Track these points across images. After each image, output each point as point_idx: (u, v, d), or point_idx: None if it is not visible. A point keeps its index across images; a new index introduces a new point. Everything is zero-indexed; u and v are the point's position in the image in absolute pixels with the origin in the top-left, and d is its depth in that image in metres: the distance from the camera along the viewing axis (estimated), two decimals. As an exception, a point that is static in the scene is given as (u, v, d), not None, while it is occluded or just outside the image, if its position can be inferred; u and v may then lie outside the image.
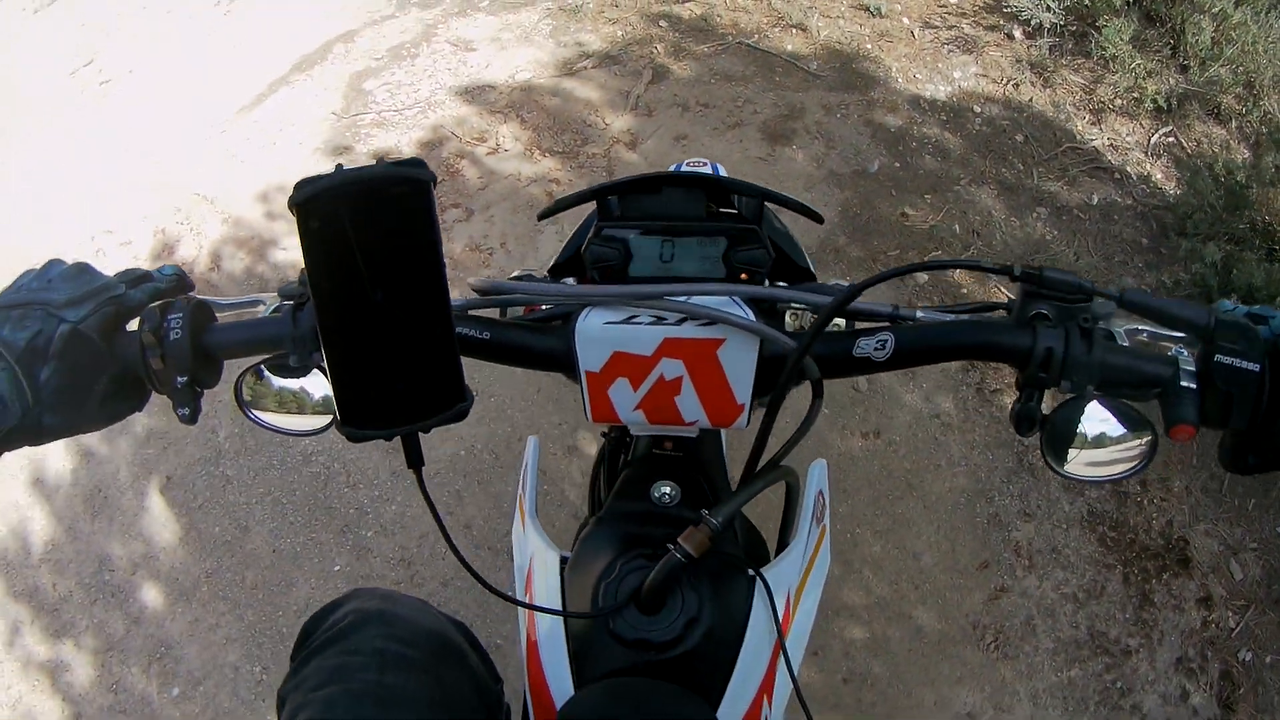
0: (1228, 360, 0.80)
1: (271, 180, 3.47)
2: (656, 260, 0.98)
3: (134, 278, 0.86)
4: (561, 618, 1.03)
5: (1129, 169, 3.38)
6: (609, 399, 0.98)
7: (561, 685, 1.01)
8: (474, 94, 3.70)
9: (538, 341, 0.95)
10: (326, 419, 0.90)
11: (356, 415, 0.77)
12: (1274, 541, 2.69)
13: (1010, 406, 0.88)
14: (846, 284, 0.94)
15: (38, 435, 0.80)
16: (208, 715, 2.46)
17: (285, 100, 3.82)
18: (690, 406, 0.98)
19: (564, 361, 0.96)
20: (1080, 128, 3.51)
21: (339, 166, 0.69)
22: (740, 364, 0.94)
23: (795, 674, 1.04)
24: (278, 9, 4.47)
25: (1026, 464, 2.75)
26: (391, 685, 1.00)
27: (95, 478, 2.89)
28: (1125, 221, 3.21)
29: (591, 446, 2.76)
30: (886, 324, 0.94)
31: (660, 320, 0.91)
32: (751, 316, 0.91)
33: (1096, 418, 0.86)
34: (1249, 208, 2.95)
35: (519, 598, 1.10)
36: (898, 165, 3.42)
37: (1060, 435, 0.87)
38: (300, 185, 0.68)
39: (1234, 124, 3.43)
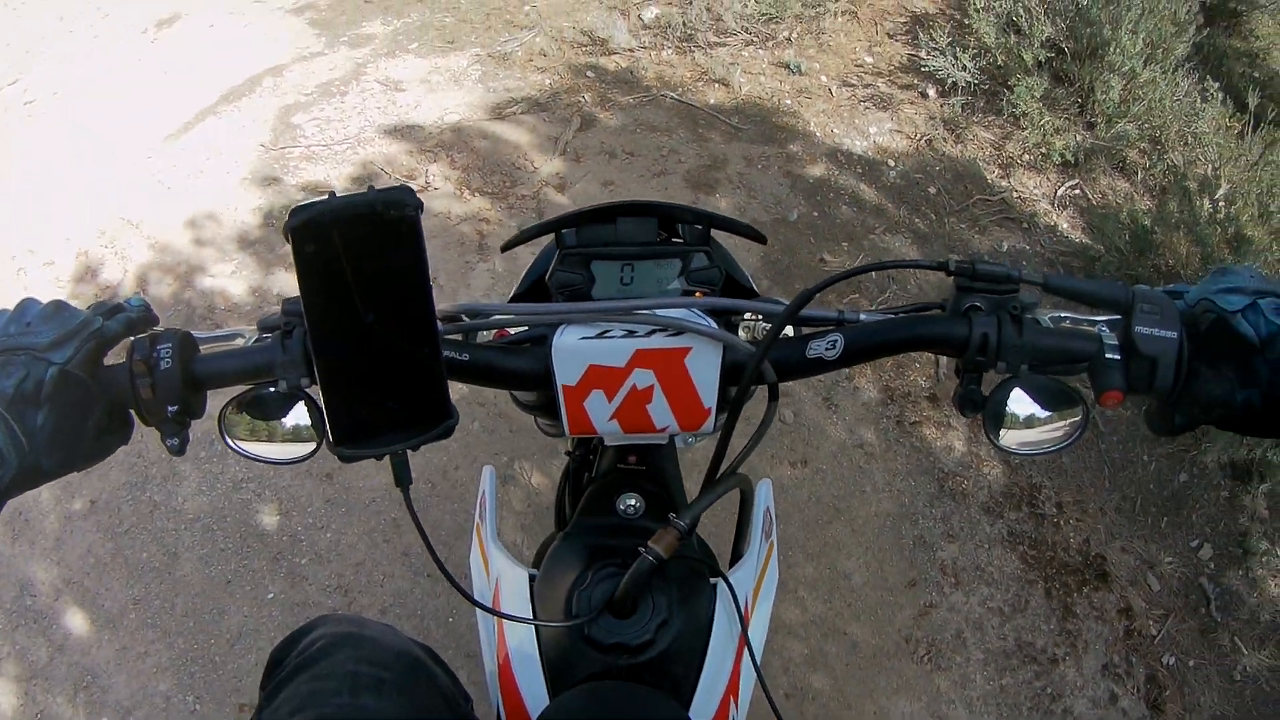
0: (1147, 330, 0.85)
1: (199, 208, 3.44)
2: (617, 283, 1.07)
3: (108, 310, 0.86)
4: (534, 630, 1.08)
5: (1037, 219, 3.55)
6: (585, 411, 1.02)
7: (537, 695, 1.05)
8: (403, 133, 3.74)
9: (515, 361, 0.99)
10: (309, 447, 0.92)
11: (348, 436, 0.82)
12: (1189, 555, 2.83)
13: (952, 393, 0.97)
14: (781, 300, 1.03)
15: (36, 479, 0.80)
16: None
17: (213, 130, 3.80)
18: (661, 413, 1.03)
19: (541, 379, 0.99)
20: (990, 180, 3.69)
21: (332, 194, 0.73)
22: (706, 370, 0.99)
23: (759, 668, 1.10)
24: (207, 40, 4.46)
25: (948, 489, 2.86)
26: (365, 707, 1.02)
27: (15, 501, 2.77)
28: (1033, 267, 3.37)
29: (529, 476, 2.79)
30: (834, 327, 1.00)
31: (631, 333, 0.96)
32: (714, 326, 0.97)
33: (1032, 395, 0.93)
34: (1154, 252, 3.12)
35: (486, 621, 1.15)
36: (816, 214, 3.54)
37: (1000, 414, 0.93)
38: (295, 211, 0.72)
39: (1139, 176, 3.65)
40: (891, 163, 3.76)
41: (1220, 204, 3.14)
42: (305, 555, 2.66)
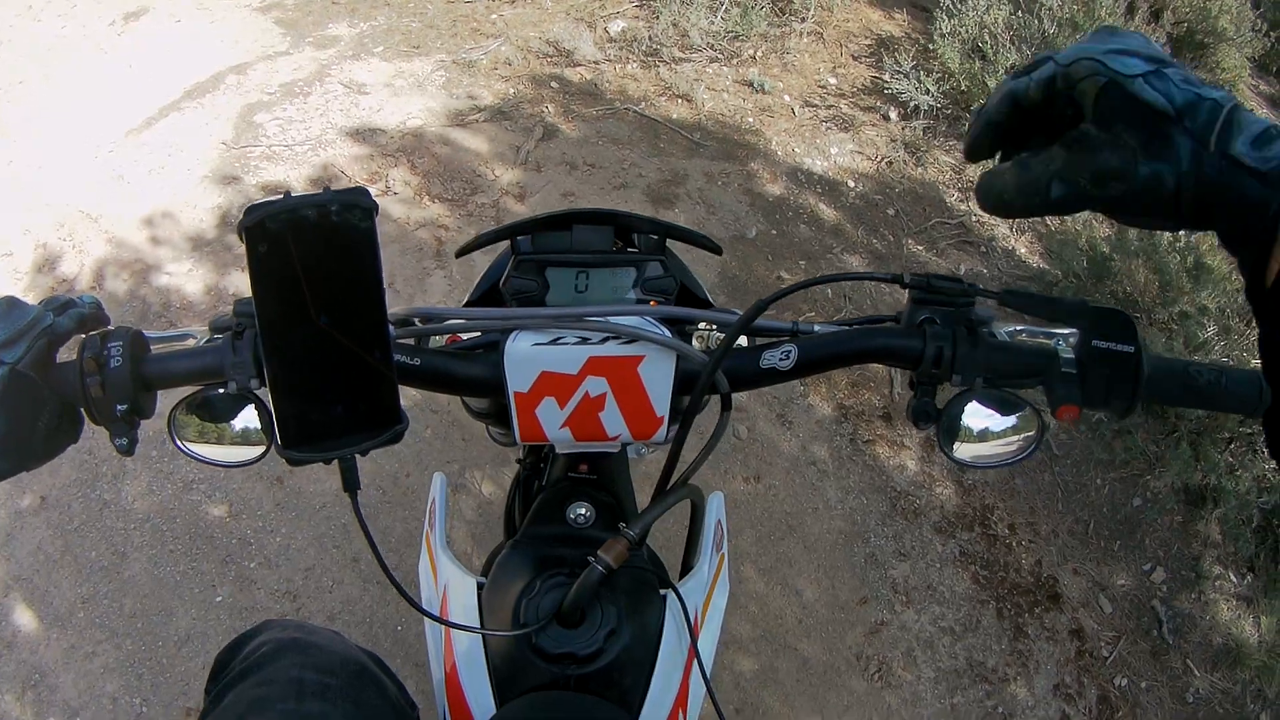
0: (1105, 344, 0.85)
1: (158, 204, 3.40)
2: (572, 290, 1.05)
3: (59, 305, 0.84)
4: (481, 639, 1.07)
5: (995, 243, 3.59)
6: (537, 418, 1.01)
7: (483, 703, 1.04)
8: (365, 136, 3.72)
9: (466, 367, 0.98)
10: (258, 450, 0.91)
11: (296, 439, 0.81)
12: (1141, 579, 2.85)
13: (907, 404, 0.95)
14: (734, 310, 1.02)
15: None
16: None
17: (175, 125, 3.75)
18: (614, 422, 1.03)
19: (492, 385, 0.98)
20: (950, 203, 3.73)
21: (287, 193, 0.72)
22: (659, 379, 0.99)
23: (709, 680, 1.10)
24: (172, 35, 4.41)
25: (900, 508, 2.87)
26: (311, 714, 1.00)
27: (-38, 499, 2.74)
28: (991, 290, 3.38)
29: (482, 485, 2.77)
30: (788, 338, 1.00)
31: (584, 341, 0.96)
32: (668, 335, 0.96)
33: (988, 408, 0.93)
34: (1112, 278, 3.15)
35: (434, 630, 1.14)
36: (774, 232, 3.56)
37: (955, 427, 0.93)
38: (250, 210, 0.71)
39: (1097, 203, 3.65)
40: (851, 183, 3.79)
41: (1180, 233, 3.17)
42: (255, 559, 2.63)
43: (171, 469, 2.76)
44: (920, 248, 3.56)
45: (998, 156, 0.80)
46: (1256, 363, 0.72)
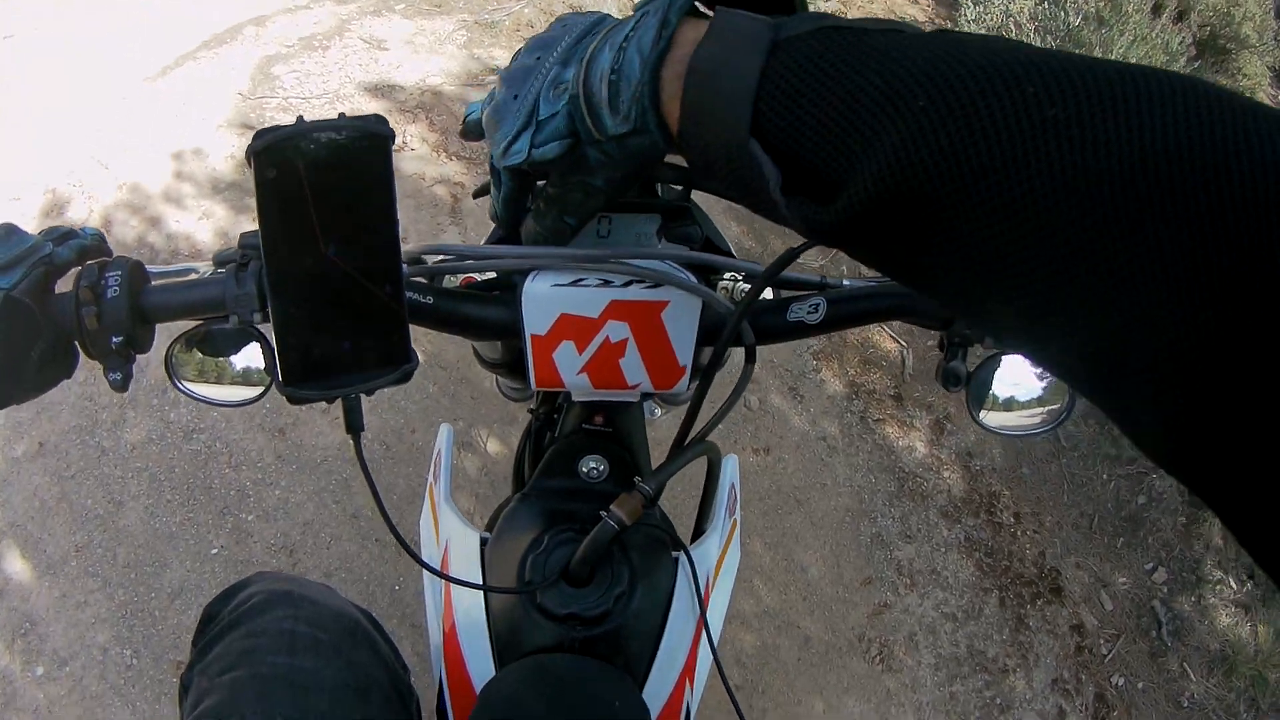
0: None
1: (170, 152, 3.36)
2: (594, 235, 1.00)
3: (59, 235, 0.81)
4: (482, 597, 1.03)
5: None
6: (553, 363, 0.98)
7: (482, 665, 1.01)
8: (383, 91, 3.67)
9: (481, 308, 0.95)
10: (258, 389, 0.88)
11: (299, 375, 0.77)
12: (1143, 578, 2.84)
13: (936, 365, 0.93)
14: (760, 262, 0.98)
15: None
16: (74, 698, 2.32)
17: (192, 75, 3.70)
18: (634, 370, 0.99)
19: (508, 327, 0.95)
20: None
21: (300, 118, 0.69)
22: (683, 326, 0.95)
23: (717, 652, 1.06)
24: (190, -15, 4.36)
25: (908, 489, 2.85)
26: (302, 669, 0.97)
27: (-39, 439, 2.71)
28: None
29: (488, 444, 2.75)
30: (816, 291, 0.97)
31: (607, 283, 0.92)
32: (694, 280, 0.93)
33: (1018, 375, 0.92)
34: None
35: (433, 585, 1.10)
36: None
37: (984, 392, 0.92)
38: (260, 134, 0.68)
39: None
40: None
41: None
42: (252, 511, 2.60)
43: (172, 418, 2.73)
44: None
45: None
46: None
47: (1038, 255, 0.44)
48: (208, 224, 3.13)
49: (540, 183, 0.83)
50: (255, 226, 0.72)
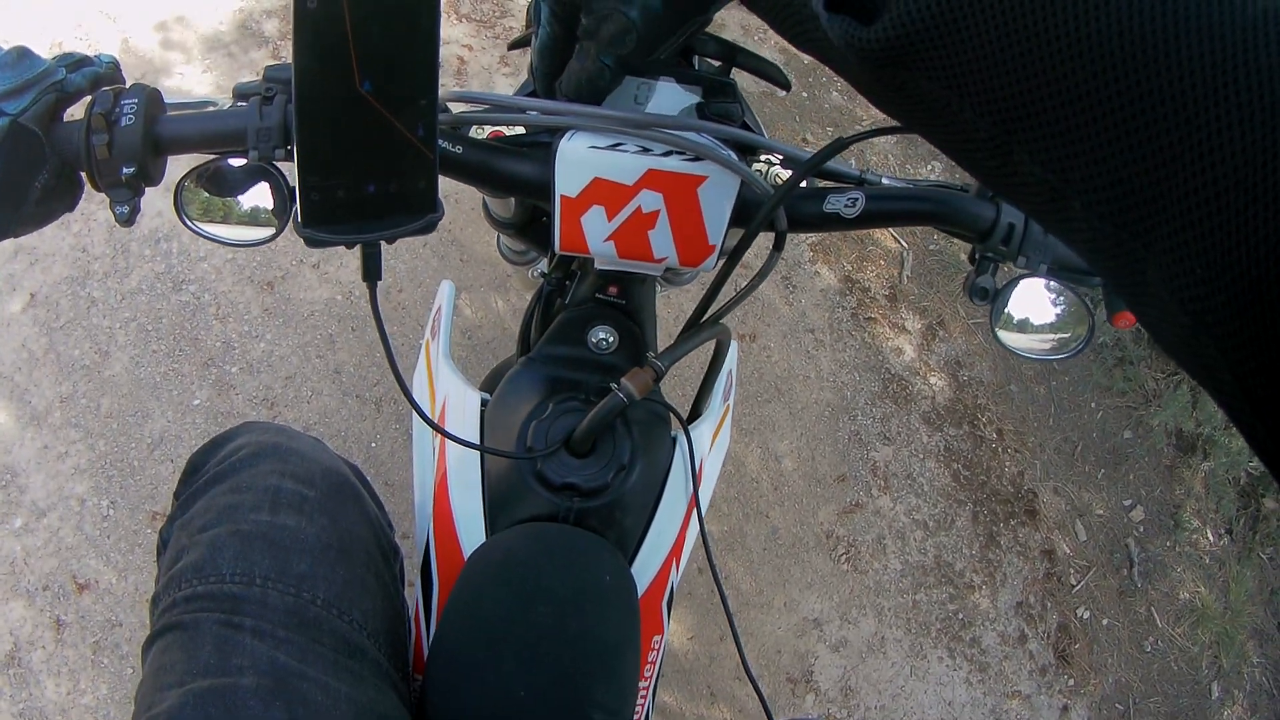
0: None
1: (177, 5, 3.31)
2: (631, 101, 0.97)
3: (73, 61, 0.78)
4: (478, 459, 1.03)
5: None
6: (581, 227, 0.95)
7: (473, 529, 1.01)
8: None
9: (512, 163, 0.92)
10: (269, 230, 0.84)
11: (319, 217, 0.74)
12: (1120, 513, 2.83)
13: (965, 277, 0.93)
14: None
15: None
16: (50, 549, 2.33)
17: (203, -71, 3.67)
18: (663, 242, 0.97)
19: (537, 186, 0.92)
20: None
21: None
22: (718, 204, 0.93)
23: (706, 533, 1.07)
24: None
25: (891, 391, 2.84)
26: (284, 527, 0.96)
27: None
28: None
29: (473, 310, 2.73)
30: (854, 185, 0.96)
31: (645, 151, 0.90)
32: (735, 158, 0.90)
33: (1043, 298, 0.92)
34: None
35: (423, 443, 1.12)
36: (805, 95, 3.47)
37: (1008, 315, 0.93)
38: None
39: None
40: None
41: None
42: (236, 364, 2.60)
43: (164, 268, 2.72)
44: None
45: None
46: None
47: (1064, 95, 0.44)
48: (211, 77, 3.11)
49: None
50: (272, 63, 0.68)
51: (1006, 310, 0.92)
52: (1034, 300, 0.93)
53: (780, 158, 1.01)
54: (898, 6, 0.49)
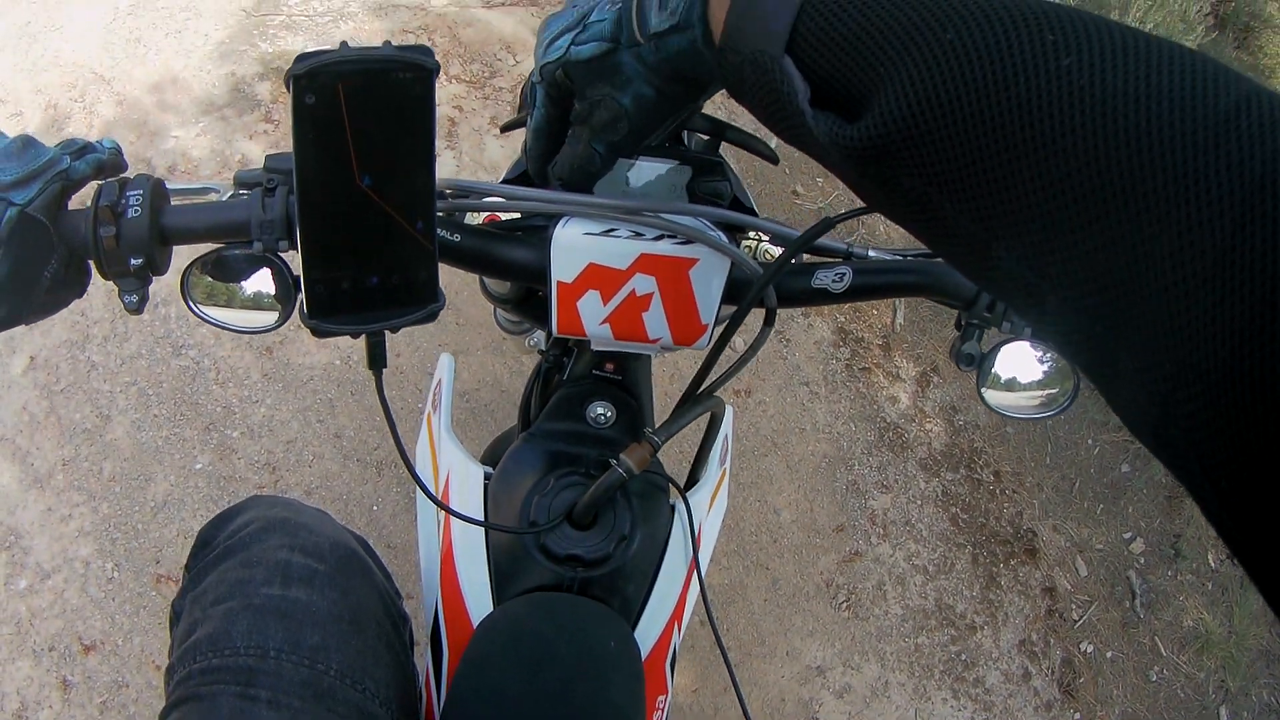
0: None
1: (172, 68, 3.34)
2: (623, 181, 1.01)
3: (77, 149, 0.78)
4: (483, 531, 1.06)
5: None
6: (577, 311, 0.98)
7: (480, 599, 1.03)
8: (388, 11, 3.63)
9: (509, 249, 0.95)
10: (273, 316, 0.87)
11: (324, 308, 0.75)
12: (1119, 547, 2.83)
13: (951, 344, 0.96)
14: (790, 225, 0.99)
15: None
16: (55, 610, 2.34)
17: (197, -12, 3.70)
18: (657, 324, 0.99)
19: (534, 271, 0.95)
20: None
21: (344, 44, 0.67)
22: (710, 285, 0.96)
23: (708, 597, 1.12)
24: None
25: (888, 440, 2.85)
26: (296, 600, 0.97)
27: (-48, 353, 2.71)
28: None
29: (470, 373, 2.76)
30: (842, 259, 0.98)
31: (638, 235, 0.92)
32: (725, 240, 0.93)
33: (1029, 357, 0.95)
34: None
35: (427, 516, 1.13)
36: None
37: (995, 374, 0.95)
38: (301, 58, 0.66)
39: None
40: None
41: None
42: (238, 428, 2.62)
43: (164, 333, 2.74)
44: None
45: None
46: None
47: (1040, 194, 0.46)
48: (205, 140, 3.12)
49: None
50: (255, 158, 0.70)
51: (994, 371, 0.94)
52: (1020, 360, 0.95)
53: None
54: (880, 107, 0.52)
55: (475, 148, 3.21)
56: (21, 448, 2.55)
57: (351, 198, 0.71)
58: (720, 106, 3.16)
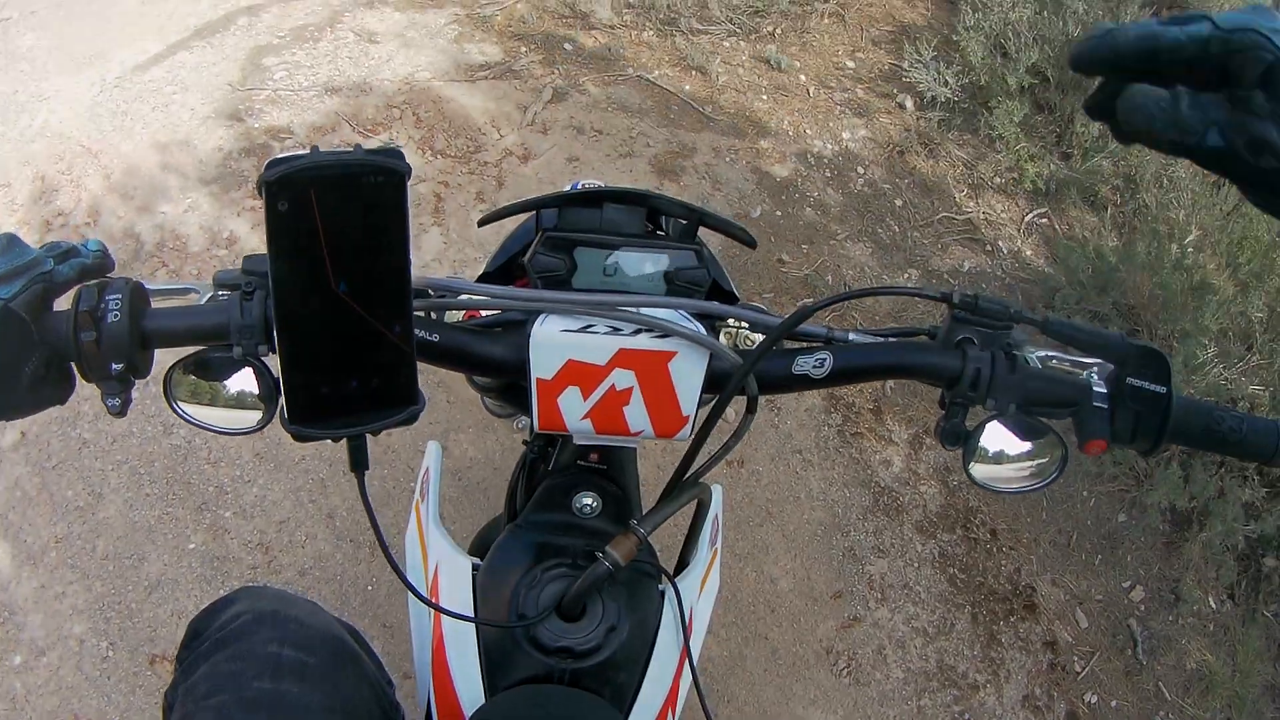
0: (1138, 382, 0.86)
1: (159, 142, 3.36)
2: (600, 273, 1.00)
3: (61, 252, 0.79)
4: (473, 625, 1.05)
5: (1001, 243, 3.55)
6: (558, 407, 0.98)
7: (472, 692, 1.02)
8: (372, 86, 3.67)
9: (488, 347, 0.95)
10: (256, 416, 0.86)
11: (304, 413, 0.76)
12: (1119, 596, 2.83)
13: (936, 423, 0.95)
14: (769, 310, 0.99)
15: None
16: (50, 688, 2.33)
17: (183, 64, 3.69)
18: (638, 417, 0.99)
19: (513, 368, 0.95)
20: (959, 199, 3.68)
21: (314, 148, 0.68)
22: (689, 377, 0.95)
23: (700, 683, 1.09)
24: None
25: (882, 504, 2.85)
26: (287, 694, 0.98)
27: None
28: (993, 290, 3.36)
29: (464, 451, 2.75)
30: (822, 344, 0.98)
31: (616, 331, 0.92)
32: (703, 331, 0.93)
33: (1014, 434, 0.94)
34: (1116, 289, 3.11)
35: (420, 607, 1.12)
36: (779, 214, 3.51)
37: (982, 449, 0.94)
38: (272, 164, 0.66)
39: (1108, 213, 3.62)
40: (861, 170, 3.74)
41: (1189, 250, 3.13)
42: (230, 508, 2.61)
43: (154, 411, 2.74)
44: (926, 241, 3.52)
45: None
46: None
47: None
48: (193, 217, 3.13)
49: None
50: (242, 234, 0.71)
51: (980, 446, 0.94)
52: (1006, 435, 0.94)
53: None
54: None
55: (462, 224, 3.22)
56: (14, 524, 2.55)
57: (327, 303, 0.71)
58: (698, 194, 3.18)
